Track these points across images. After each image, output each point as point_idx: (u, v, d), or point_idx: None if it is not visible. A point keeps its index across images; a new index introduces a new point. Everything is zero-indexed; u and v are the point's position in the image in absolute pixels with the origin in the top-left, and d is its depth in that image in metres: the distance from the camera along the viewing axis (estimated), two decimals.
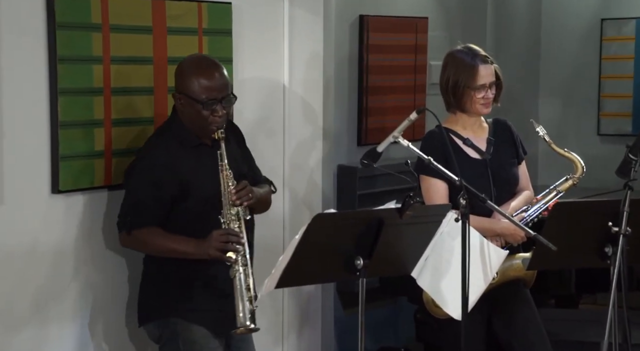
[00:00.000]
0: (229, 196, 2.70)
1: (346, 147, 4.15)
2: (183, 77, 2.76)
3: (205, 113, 2.72)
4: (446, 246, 2.67)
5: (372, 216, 2.45)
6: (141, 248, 2.82)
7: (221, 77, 2.75)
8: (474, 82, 3.08)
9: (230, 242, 2.66)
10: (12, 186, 2.71)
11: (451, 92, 3.11)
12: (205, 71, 2.74)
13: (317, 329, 3.71)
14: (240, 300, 2.61)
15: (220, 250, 2.66)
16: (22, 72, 2.72)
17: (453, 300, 2.65)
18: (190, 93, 2.73)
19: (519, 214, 3.10)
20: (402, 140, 2.72)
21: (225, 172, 2.71)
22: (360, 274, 2.44)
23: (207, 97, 2.71)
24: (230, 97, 2.76)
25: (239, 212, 2.71)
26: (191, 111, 2.74)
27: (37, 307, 2.80)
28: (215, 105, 2.72)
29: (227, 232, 2.67)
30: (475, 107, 3.10)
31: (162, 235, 2.76)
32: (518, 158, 3.24)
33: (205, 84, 2.72)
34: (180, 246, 2.73)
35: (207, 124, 2.73)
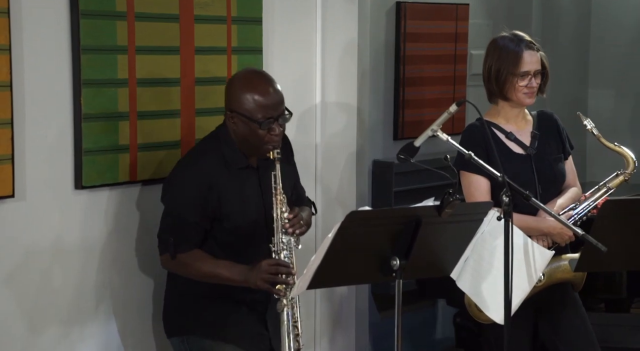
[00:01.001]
0: (282, 223, 2.67)
1: (382, 141, 4.14)
2: (235, 94, 2.72)
3: (262, 132, 2.69)
4: (487, 246, 2.65)
5: (409, 214, 2.44)
6: (184, 271, 2.78)
7: (276, 93, 2.72)
8: (517, 69, 3.05)
9: (280, 274, 2.64)
10: (34, 181, 2.74)
11: (494, 80, 3.09)
12: (260, 88, 2.70)
13: (350, 333, 3.71)
14: (286, 338, 2.61)
15: (268, 281, 2.64)
16: (44, 62, 2.75)
17: (495, 303, 2.63)
18: (244, 111, 2.69)
19: (566, 212, 3.07)
20: (441, 133, 2.70)
21: (279, 197, 2.69)
22: (396, 275, 2.44)
23: (263, 115, 2.68)
24: (285, 115, 2.73)
25: (290, 241, 2.69)
26: (245, 130, 2.71)
27: (59, 306, 2.84)
28: (272, 124, 2.69)
29: (277, 263, 2.65)
30: (518, 96, 3.08)
31: (207, 260, 2.74)
32: (564, 153, 3.21)
33: (261, 101, 2.68)
34: (225, 272, 2.71)
35: (263, 144, 2.70)
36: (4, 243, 2.70)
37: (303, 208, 2.89)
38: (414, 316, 4.08)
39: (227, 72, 3.18)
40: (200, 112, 3.12)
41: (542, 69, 3.11)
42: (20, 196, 2.71)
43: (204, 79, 3.11)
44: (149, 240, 2.97)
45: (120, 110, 2.91)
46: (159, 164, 3.02)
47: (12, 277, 2.72)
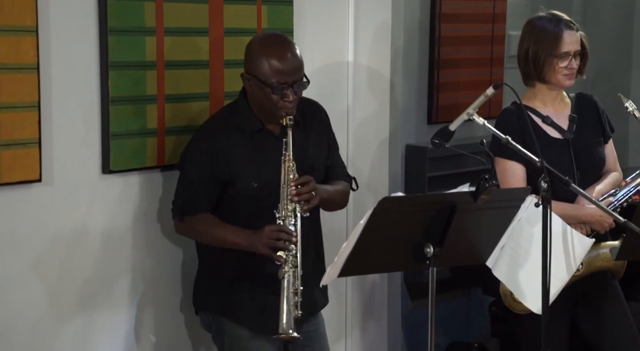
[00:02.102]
0: (288, 190, 2.68)
1: (415, 126, 4.13)
2: (252, 56, 2.74)
3: (275, 97, 2.71)
4: (525, 233, 2.64)
5: (443, 200, 2.45)
6: (194, 236, 2.87)
7: (294, 59, 2.73)
8: (557, 49, 3.03)
9: (282, 240, 2.66)
10: (61, 166, 2.78)
11: (531, 62, 3.07)
12: (277, 51, 2.71)
13: (382, 322, 3.72)
14: (285, 305, 2.62)
15: (270, 247, 2.67)
16: (71, 45, 2.78)
17: (532, 292, 2.63)
18: (259, 75, 2.71)
19: (606, 198, 3.05)
20: (477, 117, 2.70)
21: (287, 163, 2.69)
22: (430, 263, 2.44)
23: (277, 80, 2.70)
24: (302, 82, 2.75)
25: (296, 209, 2.69)
26: (260, 94, 2.73)
27: (86, 292, 2.89)
28: (286, 90, 2.71)
29: (279, 228, 2.67)
30: (558, 77, 3.06)
31: (215, 224, 2.79)
32: (604, 137, 3.18)
33: (277, 66, 2.69)
34: (232, 236, 2.76)
35: (276, 109, 2.72)
36: (31, 228, 2.74)
37: (336, 183, 2.89)
38: (447, 305, 4.08)
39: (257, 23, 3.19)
40: (230, 95, 3.13)
41: (582, 49, 3.09)
42: (48, 180, 2.75)
43: (234, 61, 3.13)
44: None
45: (148, 93, 2.93)
46: None
47: (39, 262, 2.77)
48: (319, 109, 2.96)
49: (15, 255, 2.72)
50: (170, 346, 3.11)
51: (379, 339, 3.72)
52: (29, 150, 2.68)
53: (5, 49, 2.61)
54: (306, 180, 2.71)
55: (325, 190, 2.82)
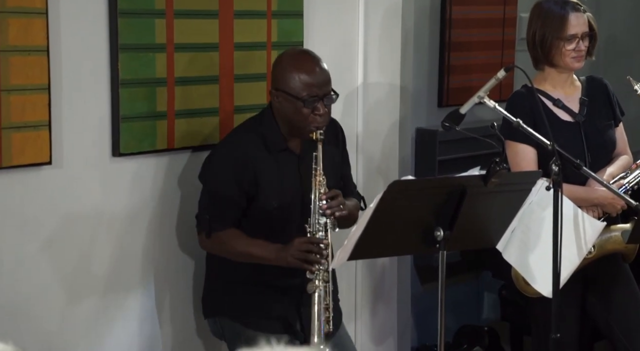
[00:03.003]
0: (319, 204, 2.68)
1: (426, 109, 4.13)
2: (281, 72, 2.76)
3: (306, 111, 2.72)
4: (535, 217, 2.65)
5: (453, 183, 2.45)
6: (220, 251, 2.85)
7: (322, 73, 2.75)
8: (564, 32, 3.02)
9: (312, 252, 2.65)
10: (71, 149, 2.80)
11: (539, 45, 3.06)
12: (306, 65, 2.73)
13: (392, 306, 3.74)
14: (317, 320, 2.62)
15: (300, 259, 2.66)
16: (81, 27, 2.79)
17: (543, 276, 2.63)
18: (289, 89, 2.73)
19: (617, 181, 3.05)
20: (488, 100, 2.70)
21: (318, 178, 2.70)
22: (440, 246, 2.45)
23: (308, 94, 2.71)
24: (331, 95, 2.76)
25: (327, 224, 2.69)
26: (290, 109, 2.74)
27: (97, 274, 2.91)
28: (317, 103, 2.72)
29: (309, 240, 2.67)
30: (566, 60, 3.05)
31: (242, 238, 2.79)
32: (615, 120, 3.18)
33: (307, 80, 2.71)
34: (260, 251, 2.76)
35: (307, 124, 2.72)
36: (41, 211, 2.76)
37: (351, 199, 2.90)
38: (457, 289, 4.09)
39: (266, 37, 3.20)
40: (239, 78, 3.14)
41: (590, 31, 3.08)
42: (58, 163, 2.77)
43: (244, 44, 3.13)
44: (187, 208, 3.02)
45: (158, 75, 2.94)
46: (197, 131, 3.06)
47: (49, 245, 2.79)
48: (336, 126, 2.96)
49: (25, 237, 2.74)
50: (184, 328, 3.13)
51: (389, 323, 3.73)
52: (39, 133, 2.70)
53: (15, 31, 2.62)
54: (335, 193, 2.72)
55: (348, 204, 2.81)
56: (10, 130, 2.64)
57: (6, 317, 2.70)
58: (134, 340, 3.01)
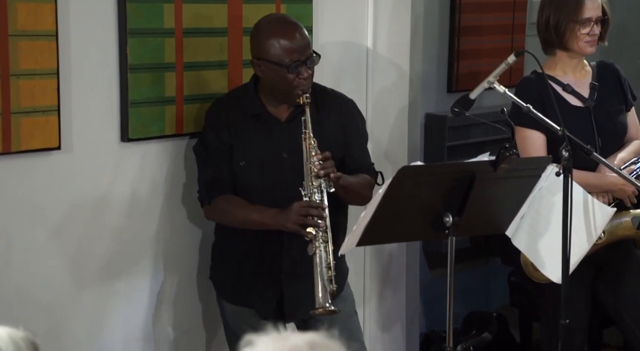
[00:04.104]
0: (312, 166, 2.69)
1: (435, 94, 4.13)
2: (261, 41, 2.78)
3: (290, 76, 2.74)
4: (545, 202, 2.65)
5: (463, 169, 2.46)
6: (220, 217, 2.89)
7: (302, 37, 2.77)
8: (579, 15, 3.02)
9: (311, 216, 2.67)
10: (80, 134, 2.81)
11: (552, 29, 3.06)
12: (285, 32, 2.75)
13: (401, 292, 3.75)
14: (319, 280, 2.63)
15: (299, 223, 2.68)
16: (90, 11, 2.80)
17: (553, 261, 2.64)
18: (270, 57, 2.75)
19: (628, 167, 3.05)
20: (498, 85, 2.70)
21: (308, 141, 2.71)
22: (449, 232, 2.46)
23: (290, 59, 2.73)
24: (313, 57, 2.78)
25: (321, 185, 2.71)
26: (274, 76, 2.77)
27: (106, 259, 2.93)
28: (300, 67, 2.74)
29: (308, 204, 2.68)
30: (580, 44, 3.05)
31: (241, 205, 2.82)
32: (626, 105, 3.18)
33: (287, 45, 2.73)
34: (257, 216, 2.78)
35: (292, 88, 2.75)
36: (50, 196, 2.78)
37: (357, 175, 2.89)
38: (466, 275, 4.11)
39: None
40: (248, 64, 3.14)
41: (603, 15, 3.08)
42: (67, 148, 2.78)
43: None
44: (195, 193, 3.04)
45: (166, 61, 2.95)
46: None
47: (58, 230, 2.81)
48: (343, 100, 2.96)
49: (34, 223, 2.76)
50: (191, 315, 3.15)
51: (397, 309, 3.75)
52: (48, 118, 2.71)
53: (23, 15, 2.63)
54: (327, 155, 2.72)
55: (345, 177, 2.81)
56: (19, 115, 2.66)
57: (16, 302, 2.72)
58: (142, 324, 3.03)
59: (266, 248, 2.85)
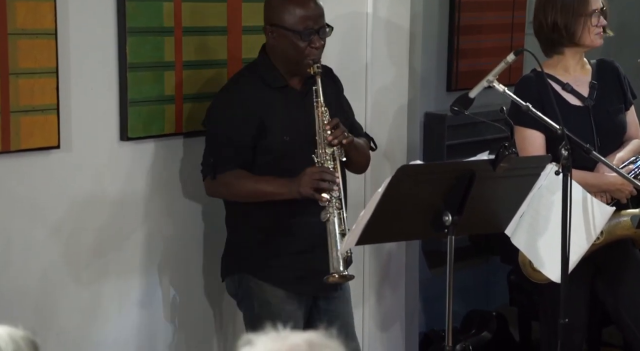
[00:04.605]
0: (324, 134, 2.72)
1: (434, 93, 4.13)
2: (276, 7, 2.80)
3: (302, 44, 2.77)
4: (544, 201, 2.66)
5: (462, 168, 2.46)
6: (228, 193, 2.86)
7: (317, 6, 2.81)
8: (587, 8, 3.03)
9: (325, 180, 2.68)
10: (79, 133, 2.82)
11: (564, 30, 3.04)
12: (300, 0, 2.78)
13: (400, 290, 3.76)
14: (333, 246, 2.64)
15: (313, 188, 2.69)
16: (89, 10, 2.81)
17: (552, 260, 2.64)
18: (284, 23, 2.77)
19: (626, 166, 3.06)
20: (497, 84, 2.70)
21: (320, 109, 2.74)
22: (448, 231, 2.46)
23: (304, 27, 2.76)
24: (326, 28, 2.81)
25: (334, 152, 2.73)
26: (286, 43, 2.78)
27: (103, 257, 2.93)
28: (313, 36, 2.77)
29: (321, 170, 2.70)
30: (592, 37, 3.05)
31: (249, 177, 2.81)
32: (625, 104, 3.18)
33: (302, 13, 2.77)
34: (270, 187, 2.78)
35: (303, 57, 2.77)
36: (49, 194, 2.79)
37: (359, 138, 2.93)
38: (466, 274, 4.11)
39: None
40: (248, 62, 3.15)
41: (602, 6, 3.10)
42: (66, 147, 2.79)
43: (252, 27, 3.14)
44: (194, 192, 3.04)
45: (166, 59, 2.96)
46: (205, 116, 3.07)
47: (57, 229, 2.82)
48: (330, 72, 3.00)
49: (34, 221, 2.77)
50: (190, 313, 3.16)
51: (397, 307, 3.75)
52: (48, 117, 2.72)
53: (23, 14, 2.63)
54: (337, 122, 2.75)
55: (355, 139, 2.84)
56: (18, 114, 2.66)
57: (15, 301, 2.73)
58: (141, 324, 3.04)
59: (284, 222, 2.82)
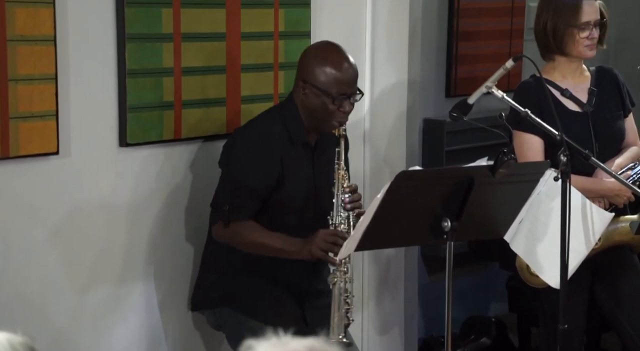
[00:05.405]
0: (342, 197, 2.71)
1: (433, 99, 4.14)
2: (311, 65, 2.79)
3: (332, 108, 2.77)
4: (543, 207, 2.66)
5: (461, 174, 2.46)
6: (237, 242, 2.84)
7: (352, 70, 2.80)
8: (578, 20, 3.03)
9: (337, 245, 2.67)
10: (78, 139, 2.82)
11: (551, 35, 3.07)
12: (338, 62, 2.78)
13: (399, 296, 3.76)
14: (336, 311, 2.64)
15: (324, 250, 2.68)
16: (88, 16, 2.81)
17: (551, 266, 2.65)
18: (318, 84, 2.77)
19: (625, 172, 3.06)
20: (496, 90, 2.70)
21: (341, 172, 2.74)
22: (447, 237, 2.46)
23: (337, 91, 2.76)
24: (357, 94, 2.81)
25: (349, 217, 2.72)
26: (317, 103, 2.79)
27: (103, 264, 2.93)
28: (344, 101, 2.77)
29: (335, 233, 2.70)
30: (579, 49, 3.06)
31: (260, 230, 2.80)
32: (624, 111, 3.19)
33: (337, 76, 2.76)
34: (280, 243, 2.77)
35: (331, 119, 2.78)
36: (48, 200, 2.78)
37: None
38: (465, 280, 4.11)
39: (274, 26, 3.21)
40: (246, 68, 3.16)
41: (602, 18, 3.09)
42: (65, 153, 2.79)
43: (251, 33, 3.15)
44: (193, 199, 3.04)
45: (165, 65, 2.96)
46: (204, 122, 3.08)
47: (56, 235, 2.82)
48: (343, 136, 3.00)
49: (33, 227, 2.76)
50: (188, 322, 3.16)
51: (395, 313, 3.75)
52: (47, 123, 2.72)
53: (22, 20, 2.64)
54: (355, 187, 2.76)
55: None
56: (17, 120, 2.66)
57: (14, 307, 2.72)
58: (140, 329, 3.04)
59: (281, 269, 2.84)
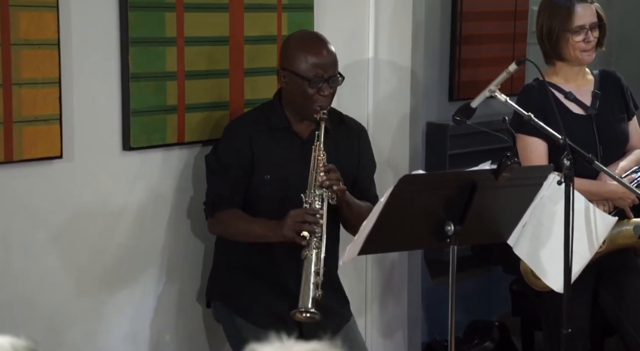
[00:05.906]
0: (317, 176, 2.72)
1: (436, 103, 4.13)
2: (289, 52, 2.85)
3: (311, 91, 2.80)
4: (547, 211, 2.66)
5: (464, 178, 2.46)
6: (225, 232, 2.91)
7: (329, 55, 2.84)
8: (571, 24, 3.02)
9: (307, 222, 2.67)
10: (82, 142, 2.82)
11: (546, 39, 3.06)
12: (314, 47, 2.82)
13: (402, 300, 3.75)
14: (305, 283, 2.63)
15: (295, 230, 2.68)
16: (92, 20, 2.81)
17: (554, 270, 2.64)
18: (295, 69, 2.81)
19: (628, 175, 3.06)
20: (499, 94, 2.70)
21: (318, 151, 2.75)
22: (450, 241, 2.46)
23: (314, 74, 2.80)
24: (337, 77, 2.83)
25: (323, 194, 2.72)
26: (295, 88, 2.82)
27: (107, 268, 2.93)
28: (322, 84, 2.80)
29: (304, 211, 2.70)
30: (575, 53, 3.05)
31: (243, 218, 2.84)
32: (628, 113, 3.19)
33: (313, 60, 2.81)
34: (261, 229, 2.80)
35: (311, 103, 2.80)
36: (51, 204, 2.79)
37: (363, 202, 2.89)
38: (468, 283, 4.11)
39: (277, 30, 3.21)
40: (249, 72, 3.16)
41: (599, 21, 3.07)
42: (69, 157, 2.79)
43: (254, 37, 3.15)
44: (196, 202, 3.04)
45: (168, 69, 2.96)
46: (207, 125, 3.08)
47: (59, 238, 2.82)
48: (359, 130, 3.04)
49: (36, 231, 2.77)
50: (193, 325, 3.16)
51: (399, 317, 3.75)
52: (50, 127, 2.72)
53: (25, 24, 2.64)
54: (332, 167, 2.75)
55: (351, 196, 2.84)
56: (21, 124, 2.66)
57: (16, 309, 2.73)
58: (143, 332, 3.04)
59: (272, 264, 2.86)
